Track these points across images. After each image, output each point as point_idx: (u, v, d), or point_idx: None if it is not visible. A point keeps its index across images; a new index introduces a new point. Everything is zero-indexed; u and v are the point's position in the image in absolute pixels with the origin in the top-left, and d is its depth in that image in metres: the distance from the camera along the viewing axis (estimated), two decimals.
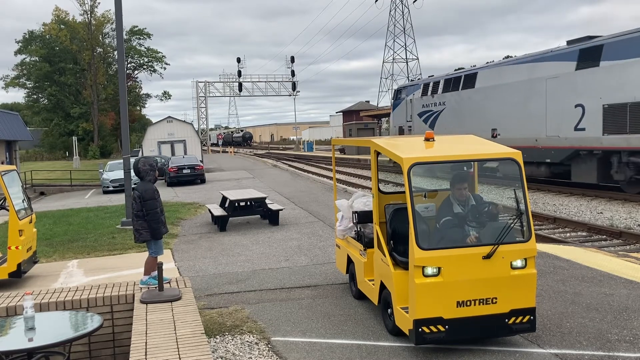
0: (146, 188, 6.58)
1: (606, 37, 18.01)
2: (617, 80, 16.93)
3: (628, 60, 16.58)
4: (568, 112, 18.81)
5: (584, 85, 18.14)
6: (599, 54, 17.70)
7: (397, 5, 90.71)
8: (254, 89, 70.24)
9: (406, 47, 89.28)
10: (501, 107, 22.24)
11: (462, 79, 25.10)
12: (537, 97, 20.27)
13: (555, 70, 19.45)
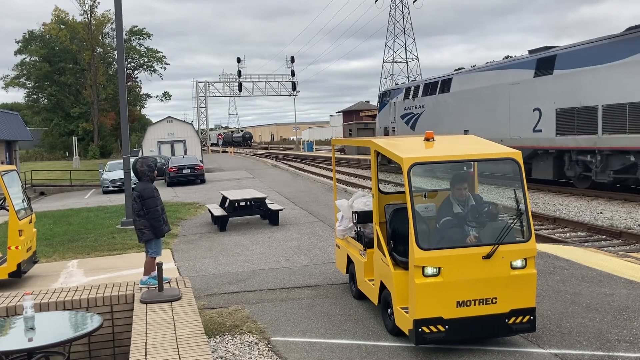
0: (145, 187, 6.63)
1: (559, 48, 20.09)
2: (567, 87, 18.91)
3: (576, 69, 18.62)
4: (527, 115, 20.74)
5: (541, 91, 20.12)
6: (553, 63, 19.72)
7: (397, 5, 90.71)
8: (254, 89, 70.29)
9: (406, 47, 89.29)
10: (472, 110, 24.11)
11: (439, 84, 27.04)
12: (502, 101, 22.28)
13: (517, 77, 21.44)
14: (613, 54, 17.29)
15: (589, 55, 18.25)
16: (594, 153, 18.18)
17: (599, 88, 17.71)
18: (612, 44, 17.55)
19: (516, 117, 21.40)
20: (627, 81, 16.66)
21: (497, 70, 23.02)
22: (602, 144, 17.69)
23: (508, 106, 21.94)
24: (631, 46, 16.71)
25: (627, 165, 17.21)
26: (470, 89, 24.41)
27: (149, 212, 6.57)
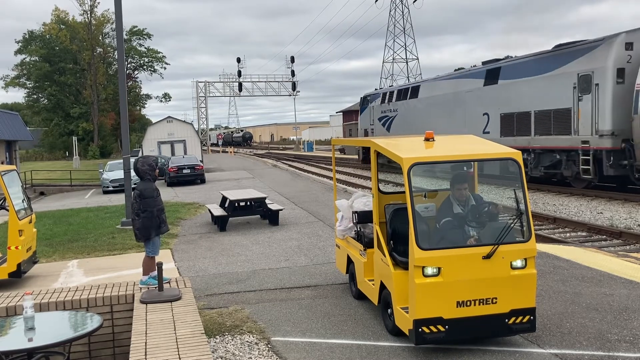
0: (146, 187, 6.64)
1: (503, 61, 23.08)
2: (509, 95, 21.94)
3: (515, 80, 21.55)
4: (479, 118, 23.63)
5: (488, 98, 23.11)
6: (498, 74, 22.66)
7: (397, 5, 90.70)
8: (254, 89, 70.28)
9: (406, 47, 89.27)
10: (436, 114, 26.97)
11: (410, 90, 30.09)
12: (459, 106, 25.12)
13: (471, 85, 24.44)
14: (542, 68, 20.29)
15: (525, 68, 21.19)
16: (529, 151, 20.91)
17: (532, 96, 20.61)
18: (543, 59, 20.49)
19: (470, 120, 24.17)
20: (552, 91, 19.61)
21: (456, 79, 26.14)
22: (534, 144, 20.66)
23: (464, 111, 24.76)
24: (555, 61, 19.74)
25: (554, 162, 20.09)
26: (435, 95, 27.48)
27: (145, 211, 6.59)
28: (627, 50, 17.34)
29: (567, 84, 18.95)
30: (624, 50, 17.35)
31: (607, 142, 17.60)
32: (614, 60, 17.41)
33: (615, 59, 17.41)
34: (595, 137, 17.95)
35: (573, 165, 19.17)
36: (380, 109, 33.29)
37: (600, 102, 17.73)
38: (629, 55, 17.32)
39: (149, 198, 6.60)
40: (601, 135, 17.75)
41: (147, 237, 6.65)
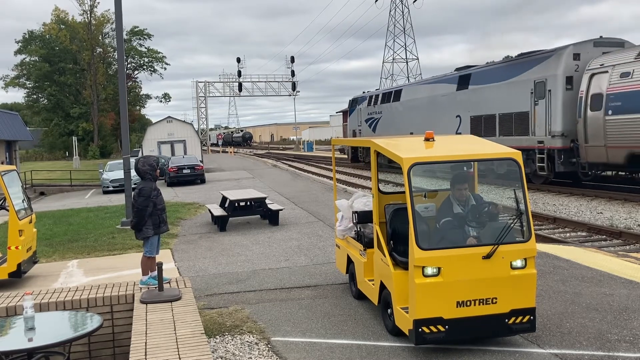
0: (145, 186, 6.72)
1: (474, 68, 25.19)
2: (478, 99, 23.88)
3: (483, 85, 23.59)
4: (451, 120, 25.54)
5: (460, 102, 25.06)
6: (469, 80, 24.67)
7: (397, 5, 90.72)
8: (253, 89, 70.29)
9: (406, 47, 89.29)
10: (416, 116, 29.05)
11: (393, 94, 32.25)
12: (435, 109, 27.19)
13: (445, 90, 26.50)
14: (506, 75, 22.31)
15: (492, 75, 23.20)
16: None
17: (497, 100, 22.66)
18: (506, 67, 22.56)
19: (445, 122, 26.04)
20: (513, 96, 21.65)
21: (433, 84, 28.30)
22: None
23: (440, 113, 26.77)
24: (516, 69, 21.74)
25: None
26: (415, 98, 29.63)
27: (137, 209, 6.66)
28: (574, 60, 19.54)
29: (526, 89, 21.00)
30: (572, 61, 19.54)
31: (558, 142, 19.53)
32: (564, 69, 19.56)
33: (564, 68, 19.53)
34: (548, 137, 19.87)
35: (532, 163, 20.83)
36: (367, 111, 35.55)
37: (552, 106, 19.77)
38: (577, 64, 19.47)
39: (145, 197, 6.67)
40: (553, 135, 19.73)
41: (138, 231, 6.72)
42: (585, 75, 18.71)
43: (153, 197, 6.72)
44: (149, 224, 6.68)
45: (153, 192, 6.72)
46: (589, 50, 19.55)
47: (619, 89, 17.38)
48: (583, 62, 19.33)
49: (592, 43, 19.84)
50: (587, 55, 19.33)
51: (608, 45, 19.86)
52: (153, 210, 6.73)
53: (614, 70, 17.77)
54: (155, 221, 6.74)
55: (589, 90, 18.38)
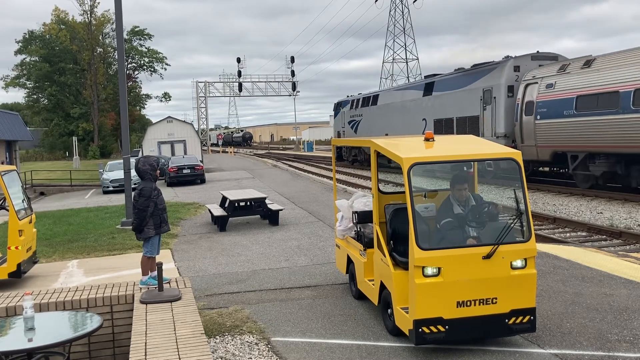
0: (145, 186, 6.73)
1: (437, 77, 28.35)
2: (439, 104, 26.94)
3: (443, 92, 26.66)
4: (418, 123, 28.62)
5: (425, 107, 28.20)
6: (432, 87, 27.81)
7: (397, 5, 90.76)
8: (254, 89, 70.30)
9: (406, 47, 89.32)
10: (390, 118, 32.23)
11: (371, 98, 35.50)
12: (406, 113, 30.36)
13: (414, 96, 29.77)
14: (462, 83, 25.24)
15: (451, 83, 26.21)
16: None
17: (454, 106, 25.53)
18: (462, 76, 25.56)
19: (413, 124, 29.14)
20: (467, 101, 24.58)
21: (404, 90, 31.71)
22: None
23: (409, 116, 29.91)
24: (470, 78, 24.73)
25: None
26: (389, 103, 32.90)
27: (138, 209, 6.68)
28: (515, 72, 22.46)
29: (476, 96, 24.01)
30: (513, 72, 22.48)
31: (502, 142, 21.37)
32: (506, 79, 22.52)
33: (506, 78, 22.51)
34: (494, 138, 22.13)
35: None
36: (349, 114, 39.10)
37: (497, 111, 22.73)
38: (517, 75, 22.31)
39: (146, 198, 6.67)
40: (498, 137, 22.27)
41: (139, 232, 6.73)
42: (522, 85, 21.57)
43: (154, 197, 6.73)
44: (150, 224, 6.69)
45: (154, 192, 6.73)
46: (527, 63, 22.33)
47: (545, 97, 20.24)
48: (522, 73, 22.24)
49: (530, 57, 22.61)
50: (525, 67, 22.18)
51: (543, 58, 22.54)
52: (154, 211, 6.73)
53: (542, 81, 20.54)
54: (157, 221, 6.74)
55: (524, 98, 21.35)
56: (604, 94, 17.54)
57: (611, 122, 17.27)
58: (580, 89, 18.66)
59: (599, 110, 17.73)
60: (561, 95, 19.49)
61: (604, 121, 17.54)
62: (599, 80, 17.93)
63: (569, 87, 19.21)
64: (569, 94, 19.13)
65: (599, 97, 17.76)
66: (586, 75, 18.63)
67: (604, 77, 17.80)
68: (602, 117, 17.58)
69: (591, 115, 18.09)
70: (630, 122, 16.59)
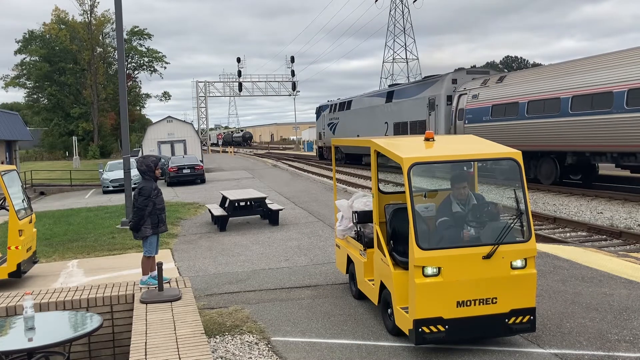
0: (144, 186, 6.78)
1: (397, 86, 34.54)
2: (397, 110, 31.80)
3: (400, 100, 31.63)
4: (382, 126, 33.21)
5: (387, 112, 32.85)
6: (392, 95, 32.80)
7: (397, 5, 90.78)
8: (254, 88, 70.35)
9: (406, 47, 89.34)
10: (361, 121, 36.73)
11: (346, 104, 40.33)
12: (373, 117, 34.88)
13: (379, 102, 34.44)
14: (414, 92, 30.20)
15: (406, 92, 31.41)
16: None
17: (408, 111, 30.32)
18: (415, 86, 30.93)
19: (378, 127, 33.51)
20: (417, 108, 29.31)
21: (371, 97, 36.08)
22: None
23: (375, 120, 34.30)
24: (420, 89, 29.68)
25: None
26: (359, 108, 37.63)
27: (137, 208, 6.71)
28: (453, 84, 26.82)
29: (424, 104, 28.62)
30: (451, 84, 26.90)
31: None
32: (445, 90, 26.96)
33: (445, 89, 26.93)
34: None
35: None
36: (329, 117, 43.59)
37: (438, 116, 27.27)
38: (454, 87, 26.51)
39: (145, 198, 6.71)
40: None
41: (136, 230, 6.75)
42: (456, 95, 25.81)
43: (153, 196, 6.75)
44: (147, 224, 6.71)
45: (153, 192, 6.75)
46: (463, 77, 26.76)
47: (472, 106, 24.65)
48: (458, 85, 26.35)
49: (466, 71, 27.69)
50: (461, 80, 26.44)
51: (476, 73, 27.29)
52: (152, 210, 6.74)
53: (470, 92, 24.94)
54: (154, 221, 6.75)
55: (457, 106, 25.49)
56: (509, 104, 22.30)
57: (513, 126, 22.05)
58: (494, 99, 23.39)
59: (506, 117, 22.50)
60: (482, 104, 24.05)
61: (508, 125, 22.36)
62: (507, 93, 22.68)
63: (487, 97, 23.87)
64: (487, 103, 23.83)
65: (506, 106, 22.59)
66: (499, 89, 23.36)
67: (509, 91, 22.51)
68: (507, 122, 22.40)
69: (501, 120, 22.82)
70: (526, 126, 21.23)
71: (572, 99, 18.90)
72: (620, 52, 18.31)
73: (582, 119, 18.55)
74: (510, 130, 22.08)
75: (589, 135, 18.46)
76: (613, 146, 17.76)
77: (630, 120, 16.72)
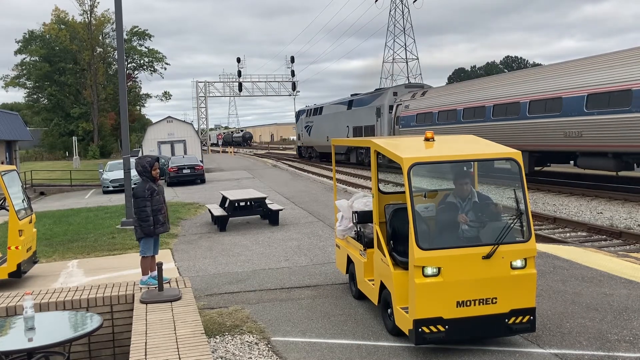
0: (139, 187, 6.84)
1: (355, 96, 40.44)
2: (354, 116, 38.71)
3: (357, 107, 38.45)
4: (345, 129, 39.89)
5: (348, 117, 39.69)
6: (352, 104, 39.72)
7: (397, 5, 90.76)
8: (253, 89, 70.33)
9: (406, 47, 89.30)
10: (328, 125, 43.17)
11: (319, 109, 46.78)
12: (337, 121, 41.53)
13: (342, 109, 41.42)
14: (367, 101, 37.33)
15: (362, 101, 38.30)
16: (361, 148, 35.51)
17: (362, 118, 37.30)
18: (368, 97, 37.76)
19: (341, 130, 40.28)
20: (369, 115, 36.27)
21: (337, 104, 42.99)
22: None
23: (339, 124, 40.97)
24: (372, 99, 36.58)
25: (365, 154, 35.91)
26: (328, 114, 44.36)
27: (137, 211, 6.74)
28: (394, 96, 34.28)
29: (373, 112, 35.64)
30: (392, 96, 34.33)
31: None
32: (388, 101, 34.23)
33: (388, 100, 34.21)
34: None
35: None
36: (305, 120, 49.83)
37: (383, 122, 34.55)
38: (395, 98, 33.89)
39: (140, 198, 6.74)
40: None
41: (148, 234, 6.76)
42: (395, 105, 33.28)
43: (147, 196, 6.74)
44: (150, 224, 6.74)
45: (146, 192, 6.74)
46: (402, 90, 34.71)
47: (404, 114, 31.97)
48: (398, 97, 33.68)
49: (404, 86, 36.67)
50: (400, 93, 34.12)
51: (413, 87, 35.71)
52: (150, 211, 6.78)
53: (404, 103, 32.32)
54: (149, 222, 6.77)
55: (396, 114, 32.97)
56: (426, 113, 29.43)
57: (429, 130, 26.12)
58: (418, 109, 30.48)
59: (425, 123, 29.06)
60: (410, 113, 31.29)
61: (425, 129, 26.16)
62: (425, 105, 29.85)
63: (414, 107, 31.03)
64: (414, 112, 30.97)
65: (425, 115, 29.53)
66: (421, 101, 30.49)
67: (428, 103, 29.70)
68: (425, 127, 28.37)
69: (421, 125, 29.25)
70: (437, 130, 25.76)
71: (464, 110, 26.03)
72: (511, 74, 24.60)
73: (470, 125, 25.10)
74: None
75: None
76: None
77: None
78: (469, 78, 78.16)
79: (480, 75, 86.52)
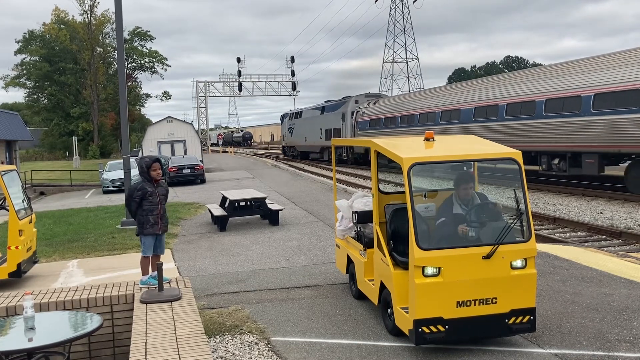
0: (131, 186, 7.07)
1: (327, 103, 46.53)
2: (326, 120, 44.12)
3: (328, 113, 44.27)
4: (317, 131, 45.38)
5: (322, 121, 44.99)
6: (324, 110, 45.35)
7: (397, 5, 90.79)
8: (254, 88, 70.37)
9: (406, 47, 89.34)
10: (306, 128, 48.89)
11: (299, 113, 52.57)
12: (313, 124, 46.90)
13: (316, 114, 47.00)
14: (335, 107, 43.45)
15: (332, 108, 44.16)
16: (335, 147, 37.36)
17: (331, 121, 43.09)
18: (336, 104, 43.59)
19: (316, 132, 45.77)
20: (336, 119, 42.23)
21: (313, 109, 48.78)
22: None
23: (314, 127, 46.33)
24: (338, 106, 42.78)
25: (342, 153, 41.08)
26: (306, 117, 49.80)
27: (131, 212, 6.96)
28: (356, 104, 40.52)
29: (339, 117, 41.74)
30: (354, 104, 40.59)
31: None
32: (351, 108, 40.64)
33: (351, 107, 40.58)
34: None
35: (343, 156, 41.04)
36: (288, 123, 55.23)
37: (346, 126, 40.68)
38: (357, 105, 40.21)
39: (127, 197, 6.95)
40: None
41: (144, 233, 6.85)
42: (355, 112, 39.78)
43: (135, 197, 6.78)
44: (141, 223, 6.86)
45: (136, 192, 6.82)
46: (362, 99, 40.40)
47: (361, 119, 38.48)
48: (359, 104, 39.93)
49: (364, 95, 41.42)
50: (361, 101, 40.10)
51: (372, 96, 41.19)
52: (136, 210, 6.81)
53: (361, 110, 38.92)
54: (140, 221, 6.82)
55: (356, 119, 39.42)
56: (377, 119, 35.85)
57: (377, 133, 34.39)
58: (371, 115, 37.07)
59: (376, 127, 35.56)
60: (366, 118, 37.86)
61: (374, 133, 35.29)
62: (377, 111, 36.39)
63: (368, 114, 37.66)
64: (368, 118, 37.53)
65: (377, 120, 35.89)
66: (374, 108, 37.23)
67: (378, 110, 36.19)
68: (374, 131, 35.51)
69: (374, 129, 35.97)
70: (384, 134, 29.92)
71: (400, 118, 32.55)
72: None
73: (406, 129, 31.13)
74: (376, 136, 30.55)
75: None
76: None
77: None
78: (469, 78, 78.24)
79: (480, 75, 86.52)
